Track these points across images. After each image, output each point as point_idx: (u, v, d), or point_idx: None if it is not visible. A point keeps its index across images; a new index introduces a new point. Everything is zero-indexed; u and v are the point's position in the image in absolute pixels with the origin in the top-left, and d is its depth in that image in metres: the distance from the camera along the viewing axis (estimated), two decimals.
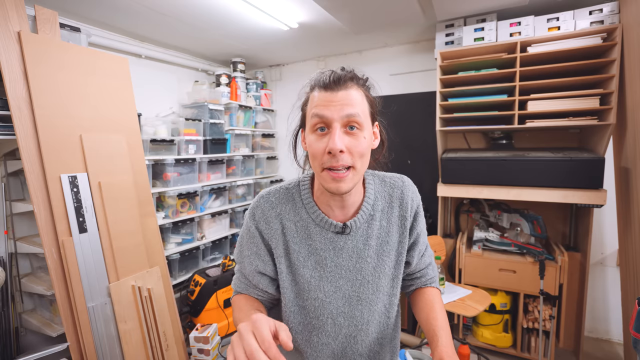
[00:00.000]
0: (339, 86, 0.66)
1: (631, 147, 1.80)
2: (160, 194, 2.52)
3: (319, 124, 0.66)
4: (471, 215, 2.59)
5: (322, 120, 0.65)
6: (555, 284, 2.06)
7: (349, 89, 0.66)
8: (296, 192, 0.78)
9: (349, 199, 0.74)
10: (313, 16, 2.29)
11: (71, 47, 1.78)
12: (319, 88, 0.68)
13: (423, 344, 2.29)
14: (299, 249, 0.75)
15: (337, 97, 0.65)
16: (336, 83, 0.66)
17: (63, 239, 1.60)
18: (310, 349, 0.77)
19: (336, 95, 0.65)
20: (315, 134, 0.67)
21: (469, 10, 2.16)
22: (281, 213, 0.76)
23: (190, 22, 2.36)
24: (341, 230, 0.74)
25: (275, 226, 0.75)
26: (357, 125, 0.65)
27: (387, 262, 0.77)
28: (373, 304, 0.77)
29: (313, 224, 0.75)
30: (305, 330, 0.77)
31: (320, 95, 0.67)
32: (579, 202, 1.95)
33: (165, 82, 2.99)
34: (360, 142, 0.66)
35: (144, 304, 1.83)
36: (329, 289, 0.75)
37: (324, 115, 0.65)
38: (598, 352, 2.32)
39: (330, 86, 0.66)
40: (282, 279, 0.76)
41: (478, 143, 2.60)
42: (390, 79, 3.03)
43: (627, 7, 1.80)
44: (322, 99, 0.66)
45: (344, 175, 0.65)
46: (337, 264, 0.75)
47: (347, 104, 0.65)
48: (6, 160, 1.84)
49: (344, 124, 0.65)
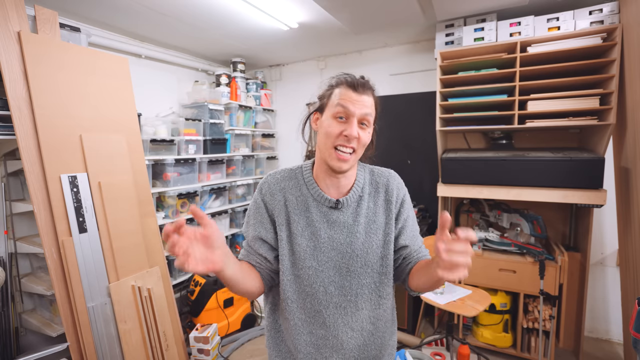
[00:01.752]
0: (364, 90, 0.83)
1: (631, 147, 1.80)
2: (160, 194, 2.52)
3: (341, 113, 0.81)
4: (471, 215, 2.59)
5: (345, 112, 0.81)
6: (555, 284, 2.06)
7: (369, 95, 0.84)
8: (299, 173, 0.92)
9: (343, 179, 0.87)
10: (313, 16, 2.29)
11: (71, 47, 1.78)
12: (347, 86, 0.83)
13: (423, 344, 2.29)
14: (298, 220, 0.86)
15: (361, 99, 0.82)
16: (362, 87, 0.83)
17: (63, 239, 1.60)
18: (305, 315, 0.86)
19: (360, 96, 0.82)
20: (335, 120, 0.82)
21: (469, 10, 2.16)
22: (285, 188, 0.89)
23: (190, 22, 2.36)
24: (334, 205, 0.86)
25: (279, 198, 0.88)
26: (367, 123, 0.83)
27: (374, 239, 0.87)
28: (362, 277, 0.86)
29: (312, 198, 0.88)
30: (299, 297, 0.86)
31: (347, 92, 0.82)
32: (579, 202, 1.95)
33: (165, 82, 2.99)
34: (366, 135, 0.83)
35: (143, 304, 1.83)
36: (322, 258, 0.85)
37: (348, 108, 0.80)
38: (598, 352, 2.32)
39: (357, 88, 0.82)
40: (281, 246, 0.86)
41: (478, 143, 2.60)
42: (390, 79, 3.03)
43: (627, 7, 1.80)
44: (348, 96, 0.81)
45: (349, 157, 0.81)
46: (329, 236, 0.86)
47: (366, 106, 0.82)
48: (6, 160, 1.84)
49: (359, 120, 0.81)
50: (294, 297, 0.86)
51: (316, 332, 0.85)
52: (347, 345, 0.85)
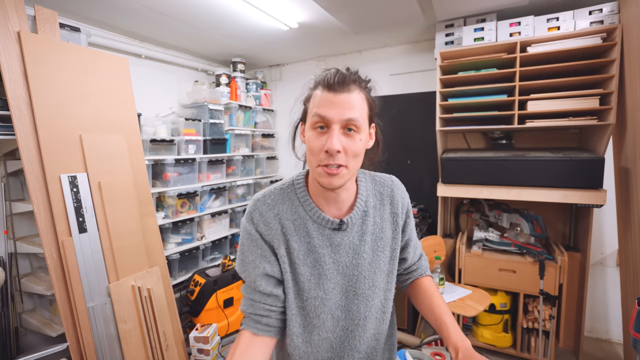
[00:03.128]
0: (342, 88, 0.67)
1: (631, 147, 1.80)
2: (160, 194, 2.52)
3: (319, 123, 0.68)
4: (471, 215, 2.59)
5: (323, 120, 0.67)
6: (555, 284, 2.06)
7: (351, 91, 0.68)
8: (292, 191, 0.79)
9: (342, 194, 0.76)
10: (313, 16, 2.29)
11: (71, 47, 1.78)
12: (322, 87, 0.69)
13: (423, 344, 2.29)
14: (298, 247, 0.75)
15: (340, 100, 0.67)
16: (340, 84, 0.67)
17: (63, 239, 1.60)
18: (311, 348, 0.78)
19: (339, 97, 0.67)
20: (315, 131, 0.69)
21: (468, 10, 2.16)
22: (279, 213, 0.76)
23: (190, 22, 2.36)
24: (338, 227, 0.76)
25: (275, 226, 0.75)
26: (354, 128, 0.68)
27: (382, 257, 0.80)
28: (370, 300, 0.79)
29: (311, 221, 0.76)
30: (305, 331, 0.78)
31: (323, 95, 0.69)
32: (579, 202, 1.95)
33: (165, 82, 2.99)
34: (355, 144, 0.69)
35: (143, 304, 1.83)
36: (328, 286, 0.76)
37: (325, 115, 0.67)
38: (598, 352, 2.32)
39: (333, 87, 0.68)
40: (286, 278, 0.76)
41: (478, 143, 2.60)
42: (390, 79, 3.03)
43: (626, 7, 1.80)
44: (324, 99, 0.68)
45: (337, 171, 0.68)
46: (334, 261, 0.76)
47: (348, 107, 0.67)
48: (6, 160, 1.84)
49: (343, 126, 0.67)
50: (299, 331, 0.77)
51: (322, 357, 0.79)
52: None
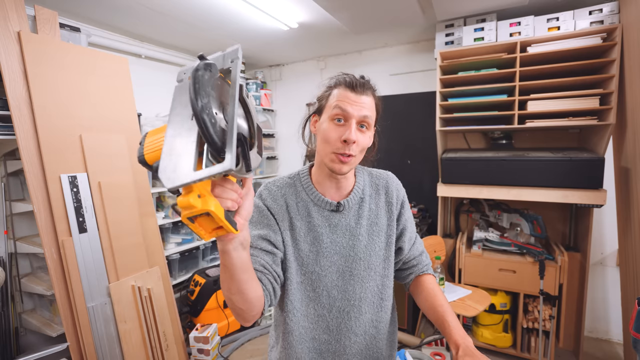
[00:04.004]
0: (363, 91, 0.79)
1: (631, 147, 1.80)
2: (160, 194, 2.52)
3: (339, 115, 0.77)
4: (471, 215, 2.59)
5: (343, 114, 0.77)
6: (555, 284, 2.06)
7: (369, 95, 0.80)
8: (297, 180, 0.89)
9: (343, 181, 0.86)
10: (313, 16, 2.29)
11: (71, 47, 1.78)
12: (345, 86, 0.79)
13: (423, 344, 2.29)
14: (300, 225, 0.84)
15: (360, 99, 0.78)
16: (361, 87, 0.79)
17: (63, 239, 1.60)
18: (308, 322, 0.84)
19: (359, 97, 0.78)
20: (332, 123, 0.78)
21: (468, 10, 2.16)
22: (285, 194, 0.86)
23: (190, 22, 2.36)
24: (336, 208, 0.85)
25: (281, 203, 0.85)
26: (367, 125, 0.79)
27: (377, 242, 0.87)
28: (365, 281, 0.85)
29: (312, 203, 0.86)
30: (303, 303, 0.84)
31: (345, 92, 0.78)
32: (579, 202, 1.95)
33: (165, 82, 2.98)
34: (365, 139, 0.80)
35: (143, 304, 1.83)
36: (325, 263, 0.83)
37: (346, 110, 0.77)
38: (598, 352, 2.32)
39: (356, 88, 0.78)
40: (288, 252, 0.83)
41: (478, 143, 2.59)
42: (390, 79, 3.03)
43: (626, 7, 1.80)
44: (346, 97, 0.78)
45: (348, 159, 0.78)
46: (332, 240, 0.84)
47: (366, 107, 0.78)
48: (6, 160, 1.84)
49: (359, 122, 0.78)
50: (299, 305, 0.84)
51: (319, 337, 0.85)
52: (350, 350, 0.84)
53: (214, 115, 0.45)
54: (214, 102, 0.47)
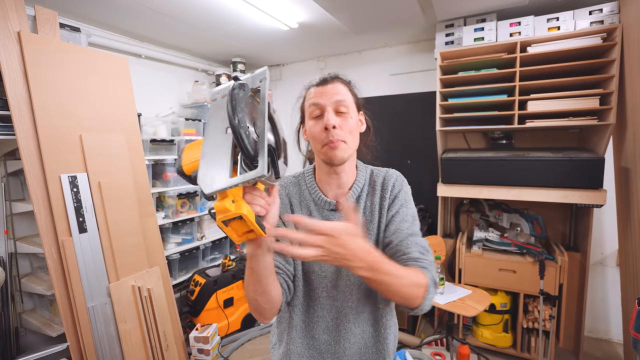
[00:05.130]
0: (330, 81, 0.84)
1: (631, 147, 1.80)
2: (160, 194, 2.52)
3: (315, 111, 0.82)
4: (471, 215, 2.59)
5: (318, 107, 0.81)
6: (555, 284, 2.06)
7: (338, 83, 0.84)
8: (302, 179, 0.93)
9: (344, 176, 0.87)
10: (313, 16, 2.29)
11: (71, 47, 1.78)
12: (313, 86, 0.86)
13: (423, 344, 2.29)
14: None
15: (328, 89, 0.82)
16: (326, 80, 0.84)
17: (63, 239, 1.60)
18: (310, 320, 0.87)
19: (327, 87, 0.83)
20: (313, 120, 0.83)
21: (469, 10, 2.16)
22: (290, 193, 0.90)
23: (190, 22, 2.36)
24: (335, 208, 0.87)
25: (285, 201, 0.89)
26: (344, 108, 0.82)
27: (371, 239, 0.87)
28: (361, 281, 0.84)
29: (313, 203, 0.89)
30: (304, 302, 0.87)
31: (314, 89, 0.85)
32: (579, 202, 1.95)
33: (165, 82, 2.99)
34: (348, 121, 0.82)
35: (143, 304, 1.83)
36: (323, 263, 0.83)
37: (318, 102, 0.81)
38: (598, 352, 2.32)
39: (321, 82, 0.84)
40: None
41: (478, 143, 2.60)
42: (390, 79, 3.03)
43: (627, 7, 1.80)
44: (316, 92, 0.83)
45: (337, 144, 0.79)
46: None
47: (336, 93, 0.82)
48: (6, 160, 1.84)
49: (335, 108, 0.81)
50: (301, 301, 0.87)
51: (320, 338, 0.86)
52: (349, 350, 0.85)
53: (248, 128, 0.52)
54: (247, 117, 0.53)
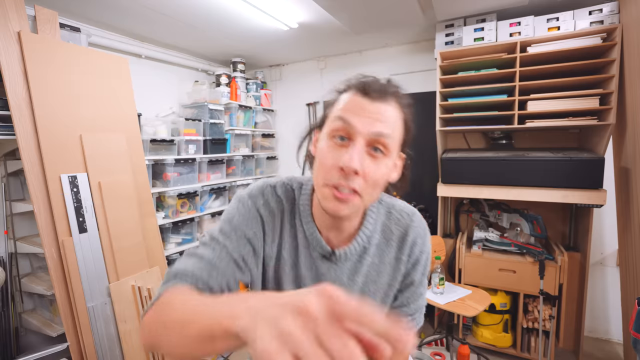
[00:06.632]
0: (380, 97, 0.56)
1: (631, 147, 1.80)
2: (160, 194, 2.52)
3: (340, 131, 0.55)
4: (471, 215, 2.59)
5: (345, 128, 0.55)
6: (555, 284, 2.06)
7: (390, 104, 0.57)
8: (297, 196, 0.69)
9: (345, 221, 0.65)
10: (313, 16, 2.29)
11: (71, 47, 1.78)
12: (355, 90, 0.57)
13: (423, 344, 2.29)
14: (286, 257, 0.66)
15: (373, 108, 0.55)
16: (378, 92, 0.56)
17: (63, 239, 1.60)
18: None
19: (372, 105, 0.55)
20: (332, 141, 0.56)
21: (468, 11, 2.16)
22: (283, 211, 0.67)
23: (190, 22, 2.36)
24: (328, 256, 0.66)
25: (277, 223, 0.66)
26: (382, 148, 0.55)
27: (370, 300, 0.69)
28: None
29: (303, 236, 0.66)
30: None
31: (353, 98, 0.56)
32: (579, 202, 1.95)
33: (165, 82, 2.99)
34: (379, 169, 0.56)
35: (144, 304, 1.83)
36: None
37: (350, 122, 0.54)
38: (598, 352, 2.32)
39: (369, 93, 0.56)
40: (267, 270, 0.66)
41: (478, 143, 2.60)
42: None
43: (626, 7, 1.80)
44: (354, 104, 0.56)
45: (348, 197, 0.54)
46: None
47: (382, 120, 0.54)
48: (6, 160, 1.84)
49: (369, 142, 0.55)
50: None
51: None
52: None
53: None
54: None
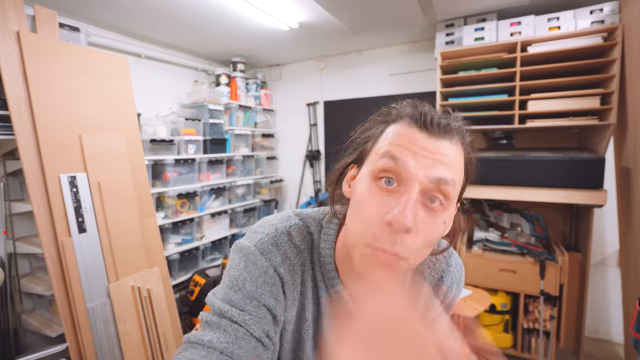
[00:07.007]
0: (444, 133, 0.44)
1: (632, 146, 1.79)
2: (160, 194, 2.52)
3: (389, 172, 0.42)
4: (471, 216, 2.59)
5: (396, 169, 0.42)
6: (556, 284, 2.06)
7: (453, 142, 0.44)
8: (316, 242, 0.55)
9: None
10: (313, 16, 2.29)
11: (70, 46, 1.78)
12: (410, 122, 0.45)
13: None
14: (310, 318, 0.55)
15: (433, 147, 0.42)
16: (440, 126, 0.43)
17: (62, 239, 1.60)
18: None
19: (435, 143, 0.42)
20: (375, 184, 0.43)
21: (469, 10, 2.16)
22: (304, 264, 0.54)
23: (189, 21, 2.36)
24: None
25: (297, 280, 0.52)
26: (443, 198, 0.43)
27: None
28: None
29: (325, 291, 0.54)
30: None
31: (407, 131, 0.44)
32: (580, 202, 1.94)
33: (165, 82, 2.98)
34: (436, 226, 0.43)
35: (143, 305, 1.83)
36: None
37: (403, 162, 0.41)
38: (598, 352, 2.31)
39: (429, 126, 0.43)
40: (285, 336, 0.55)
41: (478, 143, 2.59)
42: (390, 79, 3.03)
43: (627, 7, 1.80)
44: (408, 138, 0.43)
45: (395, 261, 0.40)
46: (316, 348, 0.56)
47: (444, 162, 0.42)
48: (5, 160, 1.83)
49: (426, 190, 0.42)
50: None
51: None
52: None
53: None
54: None
